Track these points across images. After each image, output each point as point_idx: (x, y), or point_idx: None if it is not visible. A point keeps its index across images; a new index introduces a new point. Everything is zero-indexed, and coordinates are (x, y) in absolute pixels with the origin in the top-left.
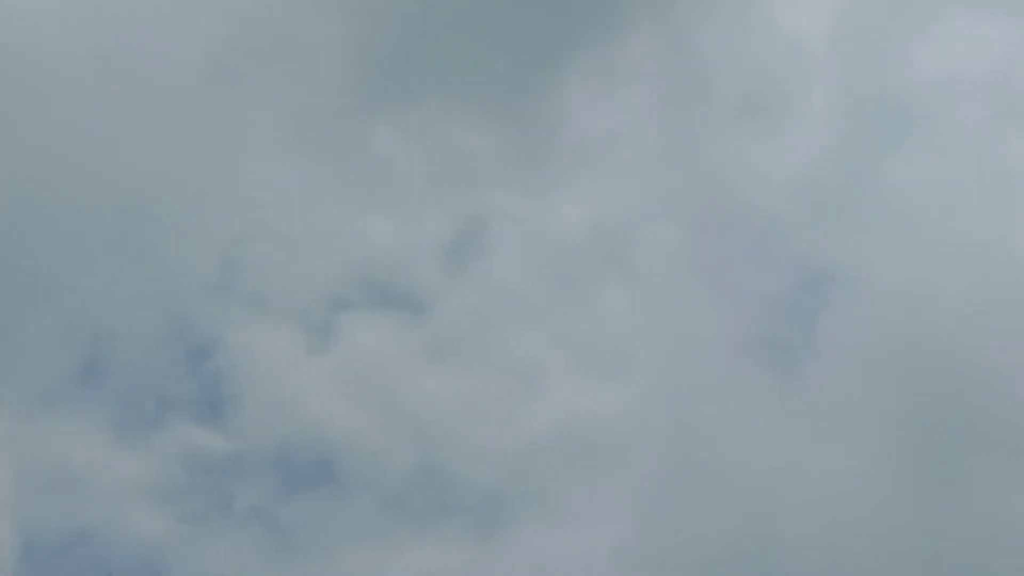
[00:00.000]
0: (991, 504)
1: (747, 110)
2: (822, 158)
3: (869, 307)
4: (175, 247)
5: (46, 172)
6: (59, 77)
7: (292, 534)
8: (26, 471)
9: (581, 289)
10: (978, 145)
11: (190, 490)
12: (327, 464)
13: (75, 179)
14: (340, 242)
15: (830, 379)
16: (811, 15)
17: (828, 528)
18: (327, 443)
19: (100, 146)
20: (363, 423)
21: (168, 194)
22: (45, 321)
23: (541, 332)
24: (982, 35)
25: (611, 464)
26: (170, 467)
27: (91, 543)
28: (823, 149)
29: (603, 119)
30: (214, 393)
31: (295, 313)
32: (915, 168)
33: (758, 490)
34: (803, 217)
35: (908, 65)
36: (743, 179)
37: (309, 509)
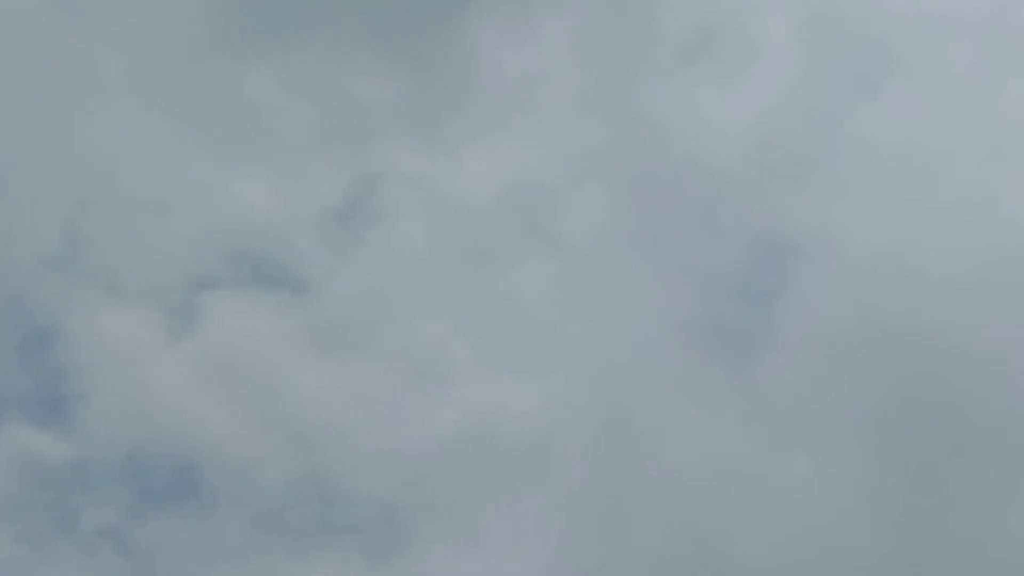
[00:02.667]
0: (980, 519)
1: (693, 49)
2: (782, 107)
3: (837, 286)
4: (5, 213)
5: None
6: None
7: (147, 557)
8: None
9: (494, 265)
10: (968, 91)
11: (26, 505)
12: (189, 474)
13: None
14: (205, 208)
15: (791, 372)
16: None
17: (789, 547)
18: (190, 449)
19: None
20: (233, 425)
21: None
22: None
23: (446, 316)
24: None
25: (530, 472)
26: (1, 478)
27: None
28: (783, 97)
29: (519, 61)
30: (54, 390)
31: (151, 293)
32: (893, 119)
33: (706, 503)
34: (759, 178)
35: None
36: (687, 133)
37: (168, 528)
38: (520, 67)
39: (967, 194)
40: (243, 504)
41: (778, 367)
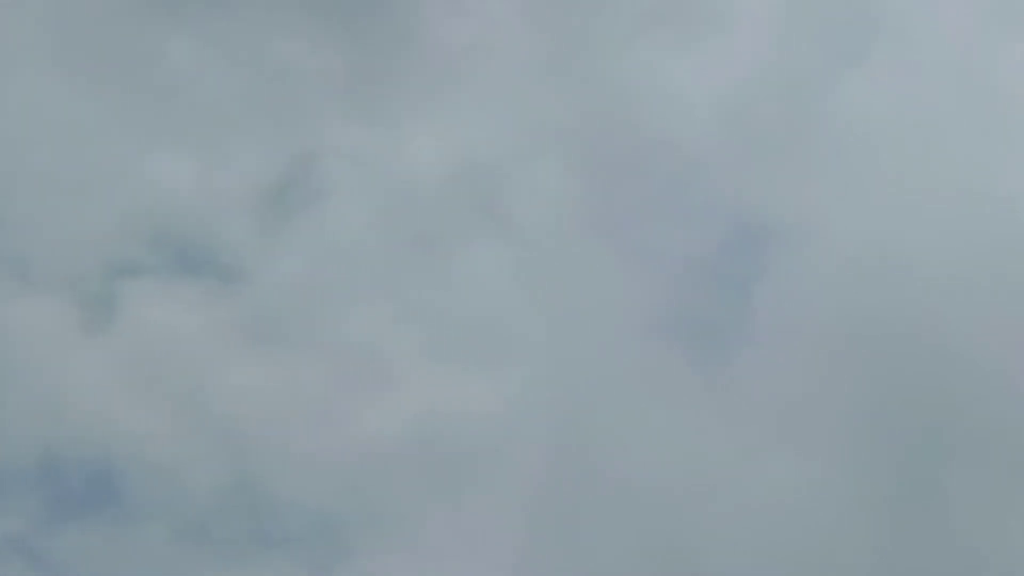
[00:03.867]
0: (973, 520)
1: (657, 12)
2: (758, 77)
3: (819, 273)
4: None
5: None
6: None
7: (60, 570)
8: None
9: (441, 250)
10: (963, 59)
11: None
12: (107, 480)
13: None
14: (124, 188)
15: (769, 367)
16: None
17: (769, 555)
18: (108, 452)
19: None
20: (155, 426)
21: None
22: None
23: (389, 307)
24: None
25: (483, 478)
26: None
27: None
28: (759, 65)
29: (467, 26)
30: None
31: (65, 281)
32: (880, 90)
33: (677, 510)
34: (733, 155)
35: None
36: (652, 104)
37: (83, 539)
38: (468, 33)
39: (962, 174)
40: (166, 513)
41: (755, 362)
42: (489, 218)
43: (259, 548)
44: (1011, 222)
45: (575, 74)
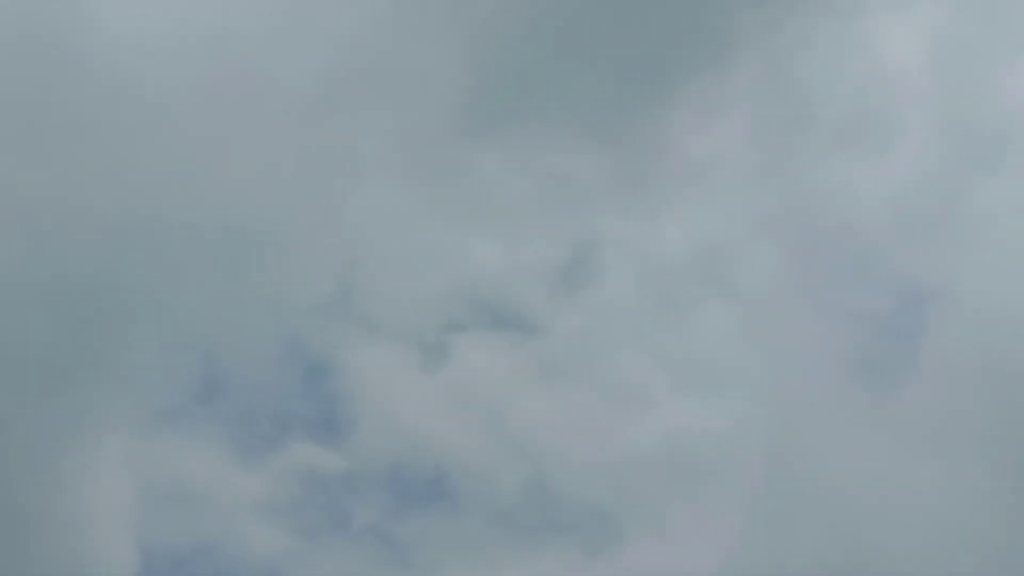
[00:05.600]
0: None
1: (846, 134)
2: (920, 179)
3: (968, 326)
4: (288, 269)
5: (162, 196)
6: (171, 103)
7: (406, 550)
8: (145, 488)
9: (684, 309)
10: None
11: (307, 507)
12: (439, 482)
13: (190, 203)
14: (451, 264)
15: (929, 398)
16: (909, 42)
17: (927, 545)
18: (439, 461)
19: (213, 171)
20: (474, 441)
21: (280, 217)
22: (161, 342)
23: (646, 352)
24: None
25: (714, 481)
26: (287, 484)
27: (209, 559)
28: (921, 171)
29: (706, 143)
30: (330, 412)
31: (409, 334)
32: (1011, 189)
33: (856, 507)
34: (902, 237)
35: (1003, 90)
36: (842, 201)
37: (422, 525)
38: (707, 148)
39: None
40: (482, 506)
41: (919, 394)
42: (719, 286)
43: (549, 533)
44: None
45: (784, 178)
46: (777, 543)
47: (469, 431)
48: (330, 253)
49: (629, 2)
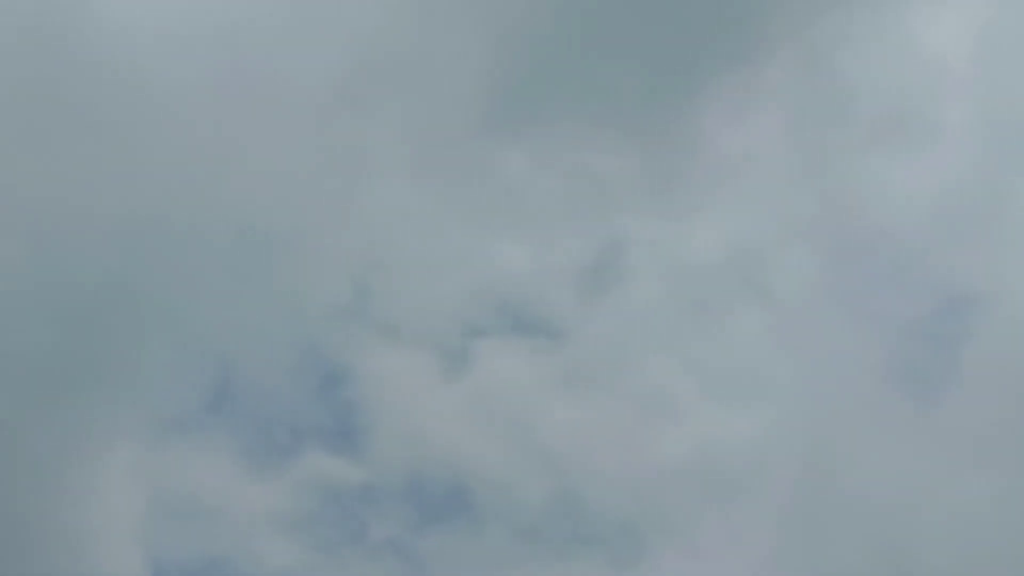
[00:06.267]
0: None
1: (885, 131)
2: (962, 178)
3: (1013, 331)
4: (303, 272)
5: (171, 197)
6: (181, 100)
7: (426, 565)
8: (156, 500)
9: (716, 314)
10: None
11: (322, 520)
12: (461, 494)
13: (201, 204)
14: (473, 267)
15: (971, 406)
16: (952, 34)
17: (968, 560)
18: (460, 472)
19: (224, 171)
20: (497, 452)
21: (294, 219)
22: (172, 348)
23: (676, 359)
24: None
25: (745, 492)
26: (302, 496)
27: (222, 573)
28: (963, 169)
29: (739, 141)
30: (346, 421)
31: (428, 340)
32: None
33: (896, 520)
34: (943, 239)
35: None
36: (881, 201)
37: (443, 539)
38: (740, 146)
39: None
40: (506, 519)
41: (961, 402)
42: (752, 290)
43: (576, 546)
44: None
45: (820, 178)
46: (812, 559)
47: (492, 441)
48: (347, 255)
49: None
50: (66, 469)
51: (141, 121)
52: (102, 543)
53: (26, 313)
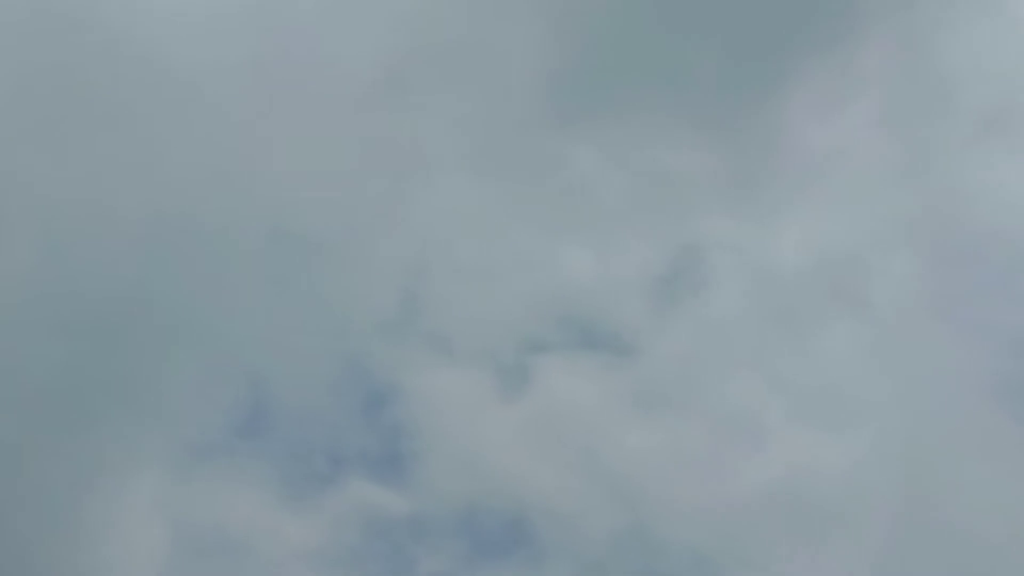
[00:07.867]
0: None
1: (992, 123)
2: None
3: None
4: (345, 280)
5: (200, 196)
6: (211, 87)
7: None
8: (180, 534)
9: (805, 328)
10: None
11: (366, 556)
12: (520, 526)
13: (232, 203)
14: (534, 275)
15: None
16: None
17: None
18: (520, 503)
19: (256, 167)
20: (561, 480)
21: (335, 220)
22: (199, 365)
23: (760, 377)
24: None
25: (837, 526)
26: (343, 530)
27: None
28: None
29: (830, 135)
30: (392, 446)
31: (484, 355)
32: None
33: (1007, 556)
34: None
35: None
36: (989, 202)
37: None
38: (830, 141)
39: None
40: (570, 555)
41: None
42: (845, 299)
43: None
44: None
45: (920, 176)
46: None
47: (554, 468)
48: (393, 262)
49: None
50: (82, 501)
51: (164, 112)
52: None
53: (37, 326)
